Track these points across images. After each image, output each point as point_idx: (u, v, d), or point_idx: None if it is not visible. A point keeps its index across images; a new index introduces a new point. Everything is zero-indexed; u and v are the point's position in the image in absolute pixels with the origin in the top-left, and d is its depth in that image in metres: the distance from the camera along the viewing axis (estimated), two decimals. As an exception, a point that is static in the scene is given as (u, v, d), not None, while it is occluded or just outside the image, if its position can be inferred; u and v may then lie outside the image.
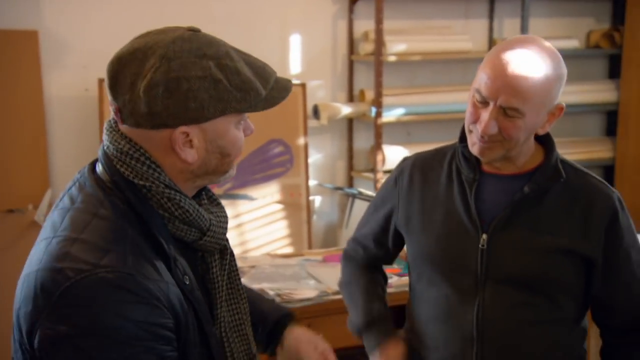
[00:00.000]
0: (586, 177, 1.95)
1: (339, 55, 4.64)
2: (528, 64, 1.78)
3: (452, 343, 1.95)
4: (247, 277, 3.47)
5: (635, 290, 1.94)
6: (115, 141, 1.39)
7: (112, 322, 1.26)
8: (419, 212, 2.03)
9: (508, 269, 1.90)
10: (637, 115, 4.91)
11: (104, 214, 1.35)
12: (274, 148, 4.36)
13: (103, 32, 4.09)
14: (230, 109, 1.37)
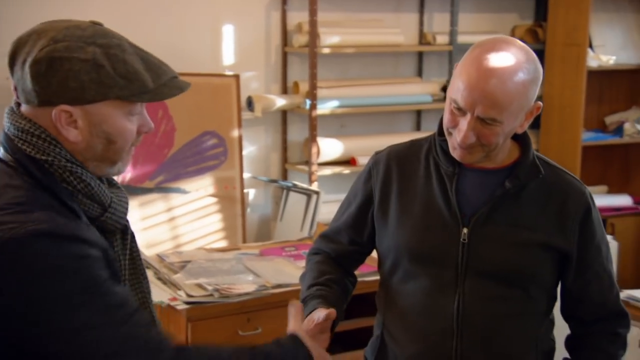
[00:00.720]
0: (560, 173, 1.95)
1: (272, 46, 4.54)
2: (504, 75, 1.73)
3: (431, 335, 1.91)
4: (184, 272, 3.36)
5: (605, 282, 1.97)
6: (16, 121, 1.44)
7: (56, 268, 1.31)
8: (396, 204, 1.97)
9: (488, 263, 1.88)
10: (559, 109, 4.96)
11: (17, 184, 1.39)
12: (207, 140, 4.21)
13: (31, 19, 3.78)
14: (111, 94, 1.41)
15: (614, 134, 5.07)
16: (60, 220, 1.35)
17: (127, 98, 1.43)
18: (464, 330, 1.87)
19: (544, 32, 4.98)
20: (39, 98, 1.39)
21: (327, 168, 4.42)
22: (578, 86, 4.78)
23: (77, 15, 3.96)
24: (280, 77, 4.52)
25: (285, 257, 3.61)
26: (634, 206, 4.94)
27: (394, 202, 1.97)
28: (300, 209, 4.19)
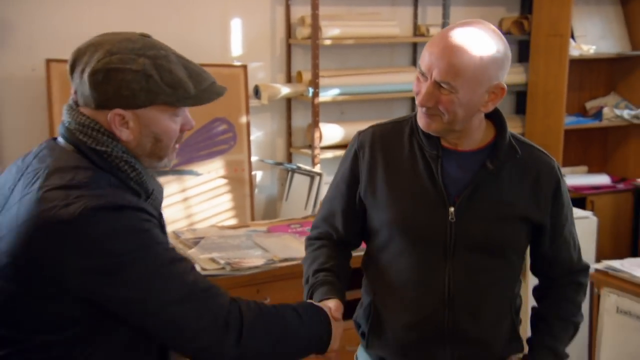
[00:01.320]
0: (531, 150, 1.95)
1: (277, 39, 4.53)
2: (463, 43, 1.74)
3: (424, 307, 1.92)
4: (198, 248, 3.35)
5: (571, 244, 2.02)
6: (76, 117, 1.51)
7: (127, 238, 1.43)
8: (383, 184, 1.94)
9: (474, 238, 1.88)
10: (543, 96, 4.96)
11: (86, 165, 1.48)
12: (218, 126, 4.22)
13: (48, 15, 3.89)
14: (159, 100, 1.48)
15: (594, 118, 5.07)
16: (130, 197, 1.47)
17: (172, 104, 1.50)
18: (454, 300, 1.88)
19: (529, 23, 4.95)
20: (95, 103, 1.48)
21: (328, 151, 4.43)
22: (561, 74, 4.77)
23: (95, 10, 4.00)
24: (285, 67, 4.51)
25: (291, 233, 3.62)
26: (611, 185, 4.94)
27: (381, 182, 1.94)
28: (304, 189, 4.21)
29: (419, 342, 1.92)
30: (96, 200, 1.38)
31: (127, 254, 1.41)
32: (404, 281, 1.93)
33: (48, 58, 3.75)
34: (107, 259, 1.40)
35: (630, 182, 4.87)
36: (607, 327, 3.06)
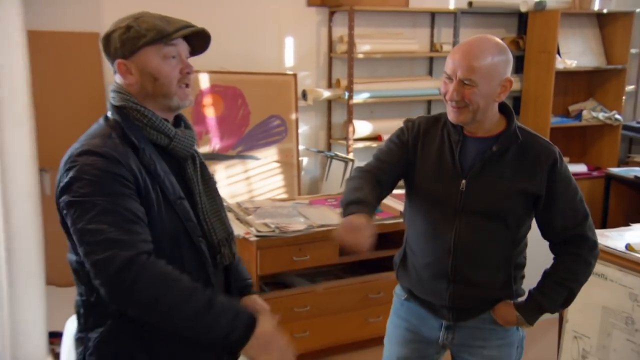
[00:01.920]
0: (534, 138, 1.95)
1: (321, 53, 4.56)
2: (476, 50, 1.81)
3: (434, 253, 1.96)
4: (255, 215, 3.39)
5: (571, 216, 1.95)
6: (111, 87, 1.55)
7: (92, 172, 1.38)
8: (420, 156, 1.99)
9: (478, 205, 1.91)
10: (534, 100, 4.93)
11: (100, 126, 1.52)
12: (273, 121, 4.26)
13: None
14: (141, 42, 1.46)
15: (575, 119, 5.03)
16: (104, 145, 1.42)
17: (152, 43, 1.46)
18: (457, 250, 1.90)
19: (524, 42, 4.92)
20: (111, 63, 1.51)
21: (360, 143, 4.45)
22: (548, 83, 4.74)
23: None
24: (327, 75, 4.54)
25: (327, 205, 3.65)
26: (588, 172, 4.91)
27: (419, 154, 1.98)
28: (340, 172, 4.23)
29: (430, 278, 1.96)
30: (81, 148, 1.43)
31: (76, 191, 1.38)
32: (424, 232, 1.98)
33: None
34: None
35: (603, 170, 4.82)
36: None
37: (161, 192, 1.46)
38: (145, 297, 1.34)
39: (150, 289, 1.33)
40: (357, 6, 4.25)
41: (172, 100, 1.51)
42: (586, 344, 2.97)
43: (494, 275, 1.96)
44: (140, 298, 1.34)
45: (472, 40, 1.85)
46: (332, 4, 4.36)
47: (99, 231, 1.33)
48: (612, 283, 2.83)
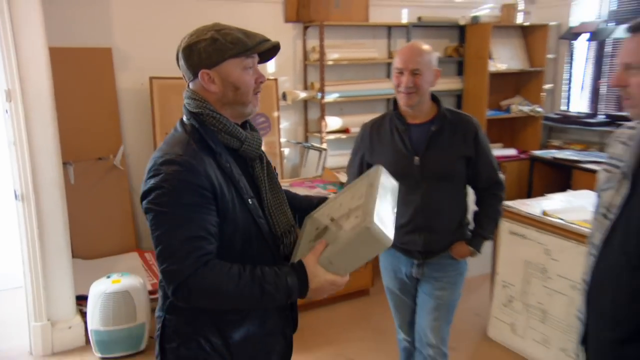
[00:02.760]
0: (459, 115, 2.10)
1: (297, 61, 4.51)
2: (416, 49, 2.00)
3: (406, 215, 2.07)
4: None
5: (489, 167, 2.12)
6: (186, 94, 1.40)
7: (172, 182, 1.27)
8: (378, 150, 2.11)
9: (432, 172, 2.03)
10: (473, 97, 4.93)
11: (178, 132, 1.38)
12: (259, 119, 4.22)
13: (150, 45, 3.92)
14: (227, 55, 1.33)
15: (506, 112, 5.04)
16: (184, 154, 1.29)
17: (237, 55, 1.33)
18: (424, 209, 2.05)
19: (463, 50, 4.90)
20: (191, 72, 1.35)
21: (331, 135, 4.43)
22: (483, 83, 4.75)
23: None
24: (303, 79, 4.49)
25: (305, 186, 3.66)
26: (517, 155, 4.90)
27: (377, 147, 2.11)
28: (315, 159, 4.24)
29: (406, 233, 2.08)
30: (158, 158, 1.31)
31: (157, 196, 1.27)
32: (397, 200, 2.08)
33: (151, 76, 3.81)
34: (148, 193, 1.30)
35: (528, 153, 4.84)
36: (503, 244, 3.09)
37: (236, 192, 1.34)
38: (204, 303, 1.30)
39: (206, 297, 1.27)
40: (327, 22, 4.22)
41: (247, 107, 1.40)
42: (512, 291, 3.04)
43: (451, 222, 2.11)
44: (198, 304, 1.30)
45: (411, 44, 2.05)
46: (306, 20, 4.32)
47: (169, 244, 1.25)
48: (531, 242, 2.89)
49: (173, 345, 1.39)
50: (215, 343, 1.37)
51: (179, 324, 1.38)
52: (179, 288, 1.24)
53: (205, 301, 1.28)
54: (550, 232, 2.80)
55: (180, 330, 1.38)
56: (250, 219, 1.37)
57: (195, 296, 1.26)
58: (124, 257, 3.78)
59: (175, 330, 1.38)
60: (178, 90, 3.92)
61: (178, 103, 4.39)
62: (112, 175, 3.86)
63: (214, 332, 1.37)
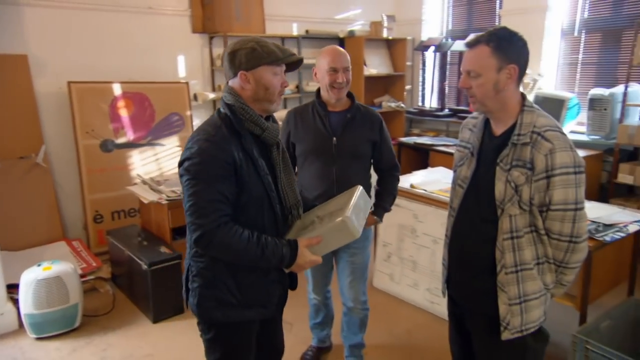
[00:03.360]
0: (368, 109, 2.13)
1: (205, 66, 4.36)
2: (342, 50, 2.03)
3: (323, 186, 2.06)
4: (165, 185, 3.22)
5: (389, 152, 2.16)
6: (225, 89, 1.48)
7: (203, 155, 1.35)
8: (302, 131, 2.10)
9: (346, 152, 2.04)
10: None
11: (214, 118, 1.45)
12: (173, 117, 4.05)
13: (66, 52, 3.62)
14: (262, 62, 1.41)
15: (378, 107, 5.17)
16: (215, 134, 1.37)
17: (270, 63, 1.41)
18: (339, 180, 2.03)
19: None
20: (232, 72, 1.43)
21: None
22: (360, 84, 4.81)
23: (93, 47, 3.76)
24: (211, 82, 4.36)
25: None
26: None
27: (301, 130, 2.09)
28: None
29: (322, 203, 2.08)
30: (199, 136, 1.38)
31: (190, 171, 1.35)
32: (315, 175, 2.08)
33: (69, 80, 3.53)
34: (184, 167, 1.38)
35: (396, 140, 4.98)
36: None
37: (254, 168, 1.43)
38: (217, 253, 1.40)
39: (220, 249, 1.38)
40: (230, 32, 4.14)
41: (273, 105, 1.47)
42: (390, 248, 3.22)
43: None
44: (213, 253, 1.40)
45: (335, 47, 2.03)
46: (211, 31, 4.20)
47: (196, 203, 1.34)
48: (403, 209, 3.06)
49: (195, 285, 1.48)
50: (229, 285, 1.46)
51: (200, 269, 1.47)
52: (201, 238, 1.35)
53: (219, 252, 1.39)
54: (417, 200, 3.00)
55: (202, 273, 1.46)
56: (264, 192, 1.46)
57: (213, 246, 1.37)
58: (52, 247, 3.47)
59: (198, 273, 1.47)
60: (95, 93, 3.68)
61: (96, 104, 4.08)
62: (36, 172, 3.51)
63: (228, 277, 1.46)
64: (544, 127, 1.41)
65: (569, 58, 4.28)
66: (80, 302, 2.82)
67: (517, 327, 1.47)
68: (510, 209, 1.42)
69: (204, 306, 1.47)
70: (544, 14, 4.18)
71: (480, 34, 1.44)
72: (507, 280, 1.45)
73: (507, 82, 1.43)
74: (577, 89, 4.26)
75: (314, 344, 2.53)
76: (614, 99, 3.66)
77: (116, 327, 2.85)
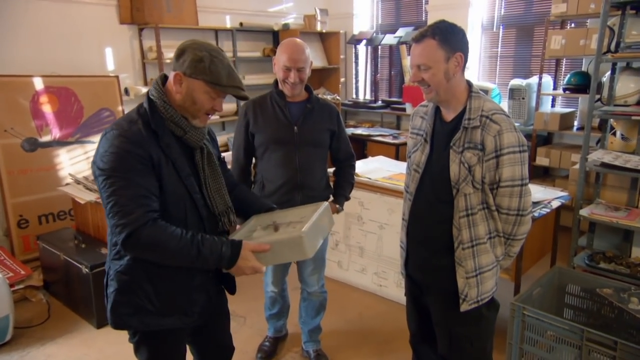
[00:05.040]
0: (326, 100, 2.13)
1: (136, 59, 4.14)
2: (300, 47, 1.95)
3: (286, 175, 2.05)
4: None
5: (346, 142, 2.20)
6: (154, 82, 1.38)
7: (117, 150, 1.26)
8: (261, 121, 2.06)
9: (307, 140, 2.03)
10: None
11: (132, 112, 1.36)
12: (104, 113, 3.81)
13: None
14: (200, 77, 1.31)
15: None
16: (129, 129, 1.28)
17: (207, 83, 1.31)
18: (301, 168, 2.03)
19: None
20: (173, 67, 1.34)
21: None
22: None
23: (10, 41, 3.41)
24: (142, 76, 4.16)
25: None
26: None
27: (260, 121, 2.04)
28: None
29: (286, 192, 2.05)
30: (112, 130, 1.29)
31: (106, 161, 1.26)
32: (277, 164, 2.05)
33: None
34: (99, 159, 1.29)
35: None
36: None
37: (173, 168, 1.33)
38: (147, 254, 1.29)
39: (150, 249, 1.27)
40: (161, 24, 3.96)
41: (195, 120, 1.37)
42: (337, 237, 3.27)
43: (321, 182, 2.13)
44: (142, 254, 1.29)
45: (295, 43, 1.94)
46: (140, 22, 3.98)
47: (118, 202, 1.24)
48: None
49: (111, 290, 1.38)
50: (147, 290, 1.36)
51: (117, 272, 1.36)
52: (128, 238, 1.24)
53: (149, 253, 1.29)
54: (361, 188, 3.07)
55: (118, 277, 1.36)
56: (186, 193, 1.37)
57: (141, 247, 1.26)
58: (-28, 258, 3.11)
59: (114, 277, 1.37)
60: (12, 87, 3.35)
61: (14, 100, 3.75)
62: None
63: (146, 282, 1.36)
64: (491, 110, 1.51)
65: (489, 51, 4.59)
66: (11, 313, 2.57)
67: (474, 298, 1.57)
68: (465, 189, 1.50)
69: (118, 312, 1.35)
70: (467, 9, 4.44)
71: (423, 29, 1.50)
72: (464, 255, 1.54)
73: (455, 70, 1.50)
74: (497, 79, 4.58)
75: (270, 335, 2.53)
76: (530, 88, 3.99)
77: (56, 336, 2.65)
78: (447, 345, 1.65)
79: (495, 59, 4.58)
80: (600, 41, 2.68)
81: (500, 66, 4.57)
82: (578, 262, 2.86)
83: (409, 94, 4.75)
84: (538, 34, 4.28)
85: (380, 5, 5.43)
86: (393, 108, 5.17)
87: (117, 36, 3.96)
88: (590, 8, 3.51)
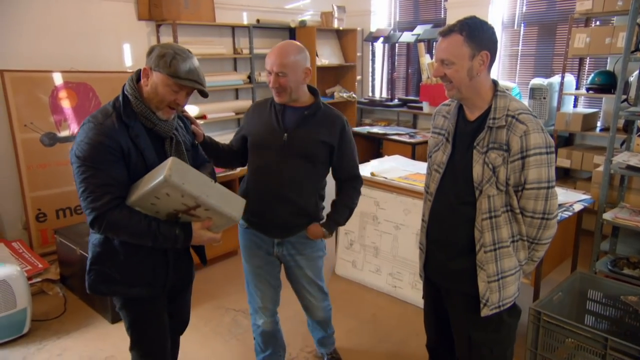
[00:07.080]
0: (331, 109, 1.93)
1: None
2: (283, 51, 1.77)
3: (271, 185, 1.88)
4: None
5: (349, 161, 1.95)
6: (130, 77, 1.52)
7: (91, 141, 1.40)
8: (253, 123, 1.95)
9: (297, 150, 1.85)
10: None
11: (108, 105, 1.50)
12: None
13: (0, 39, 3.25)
14: (162, 70, 1.45)
15: (330, 97, 5.23)
16: (103, 122, 1.42)
17: (168, 76, 1.44)
18: (286, 184, 1.85)
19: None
20: (146, 63, 1.49)
21: (190, 120, 4.22)
22: (312, 75, 4.74)
23: (32, 38, 3.45)
24: None
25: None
26: (340, 132, 5.20)
27: (255, 123, 1.92)
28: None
29: (268, 204, 1.89)
30: (87, 123, 1.44)
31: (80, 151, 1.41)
32: (261, 170, 1.89)
33: (2, 69, 3.20)
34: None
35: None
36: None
37: (142, 157, 1.47)
38: (111, 234, 1.46)
39: (114, 229, 1.44)
40: (178, 21, 3.95)
41: (158, 112, 1.51)
42: (352, 236, 3.24)
43: (309, 200, 1.92)
44: (108, 234, 1.46)
45: (280, 46, 1.79)
46: (158, 18, 3.98)
47: (87, 188, 1.40)
48: (365, 197, 3.06)
49: (88, 258, 1.57)
50: (115, 262, 1.53)
51: (92, 244, 1.56)
52: (95, 220, 1.42)
53: (112, 233, 1.46)
54: (377, 188, 3.04)
55: (93, 249, 1.55)
56: None
57: (105, 228, 1.43)
58: (-10, 250, 3.15)
59: (90, 248, 1.57)
60: (32, 82, 3.37)
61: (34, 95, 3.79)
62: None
63: (115, 254, 1.53)
64: (517, 110, 1.45)
65: (510, 50, 4.49)
66: (29, 306, 2.60)
67: (495, 303, 1.51)
68: (488, 190, 1.45)
69: (91, 278, 1.55)
70: (487, 7, 4.34)
71: (452, 24, 1.46)
72: (486, 258, 1.48)
73: (480, 69, 1.45)
74: (517, 79, 4.48)
75: None
76: (552, 88, 3.89)
77: (71, 330, 2.67)
78: (466, 351, 1.60)
79: (516, 58, 4.48)
80: (629, 39, 2.59)
81: (520, 65, 4.47)
82: (600, 268, 2.77)
83: (426, 92, 4.68)
84: (561, 32, 4.17)
85: (398, 3, 5.36)
86: (410, 106, 5.10)
87: (135, 32, 3.96)
88: (617, 5, 3.41)
